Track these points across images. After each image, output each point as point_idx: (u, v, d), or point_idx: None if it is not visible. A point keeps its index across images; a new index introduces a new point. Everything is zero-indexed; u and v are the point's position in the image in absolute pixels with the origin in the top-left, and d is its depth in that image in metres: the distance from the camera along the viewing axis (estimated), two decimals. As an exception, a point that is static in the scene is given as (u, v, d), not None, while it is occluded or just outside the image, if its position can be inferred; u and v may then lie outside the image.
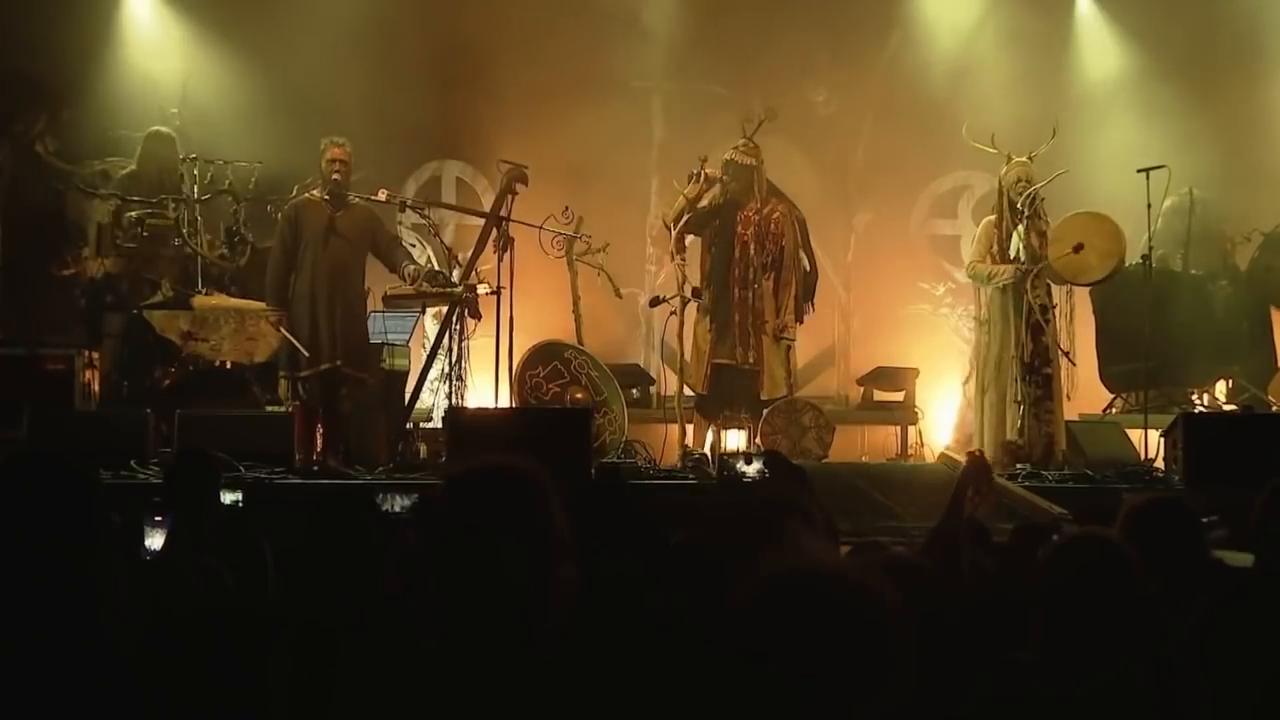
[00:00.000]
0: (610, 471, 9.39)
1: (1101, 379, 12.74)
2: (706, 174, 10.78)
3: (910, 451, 12.46)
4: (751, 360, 10.68)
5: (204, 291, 11.29)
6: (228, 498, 5.52)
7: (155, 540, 4.46)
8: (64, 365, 10.50)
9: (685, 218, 10.67)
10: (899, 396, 12.83)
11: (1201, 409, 12.03)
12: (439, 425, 10.79)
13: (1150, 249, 11.33)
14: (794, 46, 13.68)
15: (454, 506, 2.57)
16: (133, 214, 11.65)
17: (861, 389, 13.19)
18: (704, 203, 10.89)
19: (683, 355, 10.86)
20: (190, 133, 12.36)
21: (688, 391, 10.99)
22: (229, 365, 11.02)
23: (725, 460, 8.53)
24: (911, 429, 12.64)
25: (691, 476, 9.83)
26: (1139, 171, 11.14)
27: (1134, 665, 3.08)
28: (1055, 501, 8.78)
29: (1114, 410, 12.60)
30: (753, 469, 7.95)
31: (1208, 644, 2.39)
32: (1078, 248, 10.44)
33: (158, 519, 4.59)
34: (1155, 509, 4.13)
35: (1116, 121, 13.38)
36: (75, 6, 12.80)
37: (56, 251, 12.33)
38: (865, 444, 13.19)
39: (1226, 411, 11.71)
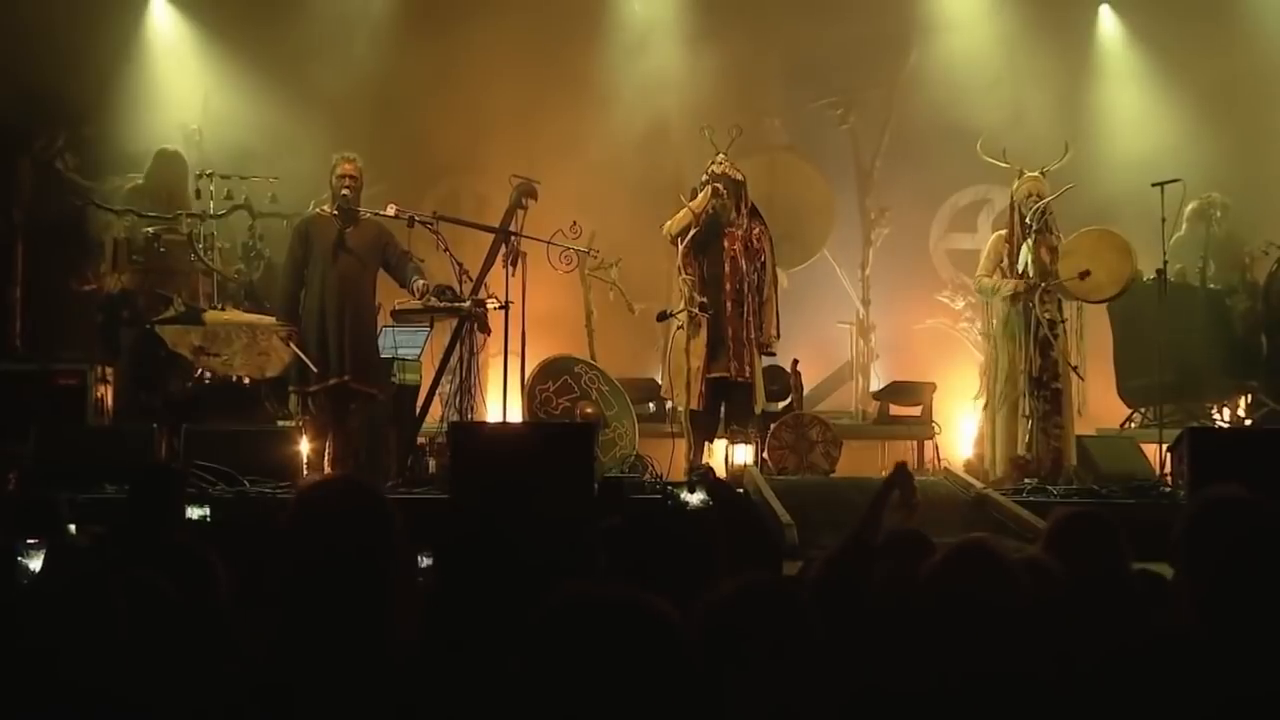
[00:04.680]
0: (613, 486, 9.38)
1: (1120, 394, 12.65)
2: (714, 186, 10.69)
3: (928, 466, 12.40)
4: (747, 374, 10.62)
5: (217, 306, 11.36)
6: (195, 513, 5.53)
7: (33, 563, 4.48)
8: (76, 380, 10.54)
9: (693, 232, 10.61)
10: (916, 411, 12.79)
11: (1221, 424, 11.94)
12: (448, 440, 10.76)
13: (1165, 263, 11.26)
14: (813, 60, 13.68)
15: (294, 525, 2.57)
16: (148, 230, 11.77)
17: (878, 403, 13.15)
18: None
19: (670, 371, 10.84)
20: (210, 148, 12.46)
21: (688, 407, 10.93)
22: (247, 381, 11.05)
23: (669, 490, 8.44)
24: (929, 443, 12.59)
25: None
26: (1153, 185, 11.08)
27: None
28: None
29: (1133, 425, 12.50)
30: (696, 499, 7.87)
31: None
32: (1084, 275, 10.33)
33: (31, 542, 4.62)
34: (1076, 523, 4.31)
35: (1134, 135, 13.31)
36: (96, 23, 12.89)
37: (76, 267, 12.47)
38: (886, 459, 13.11)
39: (1235, 426, 11.61)
